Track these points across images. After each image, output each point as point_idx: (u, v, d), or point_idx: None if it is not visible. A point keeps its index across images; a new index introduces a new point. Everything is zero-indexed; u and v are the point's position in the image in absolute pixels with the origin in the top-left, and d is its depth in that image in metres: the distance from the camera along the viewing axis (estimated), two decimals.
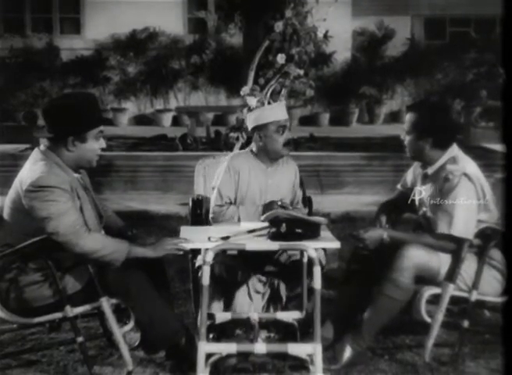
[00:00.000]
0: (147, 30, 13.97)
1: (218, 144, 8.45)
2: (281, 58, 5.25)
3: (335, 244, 3.47)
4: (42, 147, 3.39)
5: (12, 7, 14.03)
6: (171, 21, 13.86)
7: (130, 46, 13.94)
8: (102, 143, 3.43)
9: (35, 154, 3.38)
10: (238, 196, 4.02)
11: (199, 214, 4.18)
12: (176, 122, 13.50)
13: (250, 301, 3.82)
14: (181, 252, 3.39)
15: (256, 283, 3.85)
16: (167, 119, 13.79)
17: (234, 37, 10.04)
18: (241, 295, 3.82)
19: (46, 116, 3.38)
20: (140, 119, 14.16)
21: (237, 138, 5.81)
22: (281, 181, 4.07)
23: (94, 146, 3.38)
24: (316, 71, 12.69)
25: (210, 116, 12.51)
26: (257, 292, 3.85)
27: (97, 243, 3.24)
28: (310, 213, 4.20)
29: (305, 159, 7.94)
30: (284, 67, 5.32)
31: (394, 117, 14.56)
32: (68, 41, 13.98)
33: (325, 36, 5.62)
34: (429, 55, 14.29)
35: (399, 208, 3.98)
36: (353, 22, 14.31)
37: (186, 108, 12.57)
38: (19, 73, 12.94)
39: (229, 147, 6.29)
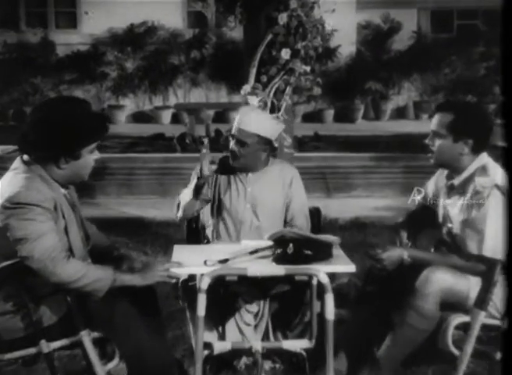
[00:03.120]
0: (145, 24, 13.80)
1: (219, 143, 8.20)
2: (285, 54, 4.85)
3: (349, 268, 3.09)
4: (26, 156, 2.98)
5: (5, 1, 13.89)
6: (170, 15, 13.68)
7: (128, 41, 13.77)
8: (96, 153, 3.03)
9: (17, 164, 2.99)
10: (216, 202, 3.66)
11: (194, 228, 3.78)
12: (175, 119, 13.32)
13: (240, 336, 3.42)
14: (173, 280, 3.07)
15: (244, 314, 3.45)
16: (166, 116, 13.62)
17: (234, 31, 9.72)
18: (230, 330, 3.42)
19: (31, 132, 2.94)
20: (139, 117, 13.98)
21: None
22: (263, 190, 3.64)
23: (88, 161, 3.00)
24: (320, 66, 12.46)
25: (210, 113, 12.33)
26: (247, 324, 3.44)
27: (77, 271, 2.86)
28: (319, 226, 3.79)
29: (310, 160, 7.75)
30: (289, 63, 4.92)
31: (401, 113, 14.43)
32: (64, 35, 13.81)
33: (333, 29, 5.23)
34: (436, 49, 14.14)
35: (419, 224, 3.56)
36: (358, 15, 14.14)
37: (185, 105, 12.34)
38: (13, 70, 12.75)
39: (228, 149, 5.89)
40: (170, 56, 13.85)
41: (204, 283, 2.91)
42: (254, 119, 3.63)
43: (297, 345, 3.40)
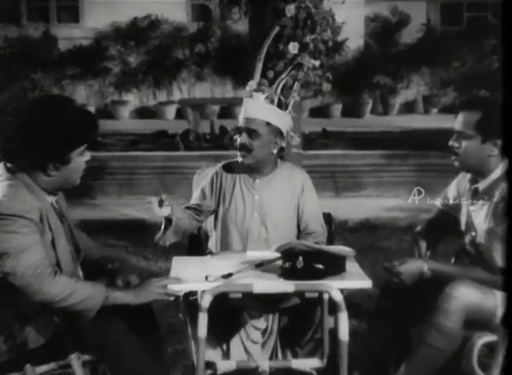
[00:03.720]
0: (148, 17, 13.49)
1: (223, 141, 7.93)
2: (293, 48, 4.57)
3: (365, 284, 2.80)
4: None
5: None
6: (173, 8, 13.36)
7: (131, 35, 13.47)
8: (87, 155, 2.79)
9: (0, 170, 2.74)
10: (220, 211, 3.37)
11: (196, 237, 3.51)
12: (180, 115, 12.99)
13: (246, 355, 3.16)
14: (172, 298, 2.79)
15: (251, 331, 3.18)
16: (170, 111, 13.34)
17: (240, 24, 9.47)
18: (234, 348, 3.16)
19: (14, 139, 2.67)
20: (143, 112, 13.66)
21: None
22: (272, 197, 3.34)
23: (79, 164, 2.76)
24: (327, 60, 12.22)
25: (215, 108, 12.04)
26: (254, 342, 3.17)
27: (65, 289, 2.61)
28: (330, 232, 3.51)
29: (318, 158, 7.47)
30: (297, 58, 4.64)
31: (409, 107, 14.11)
32: (66, 30, 13.49)
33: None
34: (446, 42, 13.83)
35: (439, 232, 3.28)
36: (366, 7, 13.83)
37: (190, 101, 12.08)
38: (14, 65, 12.48)
39: (234, 147, 5.64)
40: (174, 50, 13.55)
41: (206, 301, 2.65)
42: (261, 107, 3.37)
43: (308, 364, 3.16)
